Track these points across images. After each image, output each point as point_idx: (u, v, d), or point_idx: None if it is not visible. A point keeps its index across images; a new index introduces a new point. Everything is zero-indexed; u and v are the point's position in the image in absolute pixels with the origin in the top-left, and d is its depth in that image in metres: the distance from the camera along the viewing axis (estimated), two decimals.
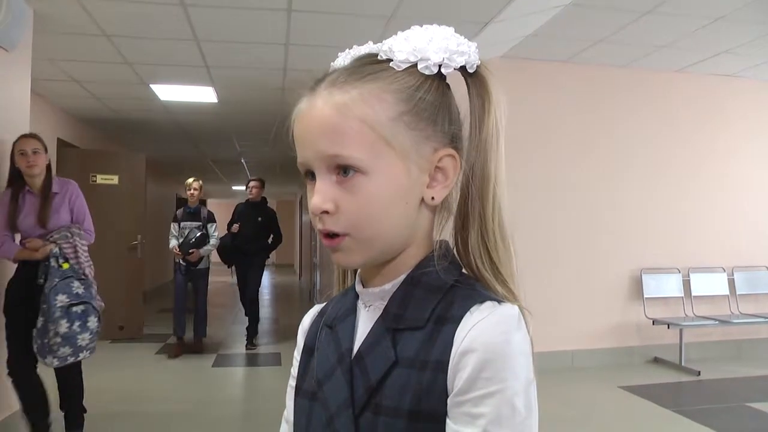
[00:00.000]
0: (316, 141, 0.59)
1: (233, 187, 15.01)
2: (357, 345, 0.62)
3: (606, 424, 3.59)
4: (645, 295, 4.96)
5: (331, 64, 0.65)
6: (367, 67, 0.60)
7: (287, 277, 15.25)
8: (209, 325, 5.76)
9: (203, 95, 5.58)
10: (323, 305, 0.74)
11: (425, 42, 0.60)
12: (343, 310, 0.67)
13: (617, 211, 4.99)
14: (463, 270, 0.63)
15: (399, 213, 0.60)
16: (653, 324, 4.86)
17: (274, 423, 0.76)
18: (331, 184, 0.59)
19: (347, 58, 0.64)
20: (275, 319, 7.90)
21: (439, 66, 0.60)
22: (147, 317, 6.60)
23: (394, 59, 0.60)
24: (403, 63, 0.60)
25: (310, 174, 0.61)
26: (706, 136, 5.23)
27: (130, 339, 6.07)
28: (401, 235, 0.61)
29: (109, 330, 6.02)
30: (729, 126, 5.29)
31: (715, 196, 5.23)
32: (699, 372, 4.59)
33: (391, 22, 3.70)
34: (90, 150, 6.83)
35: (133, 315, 6.30)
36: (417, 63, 0.60)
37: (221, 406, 3.99)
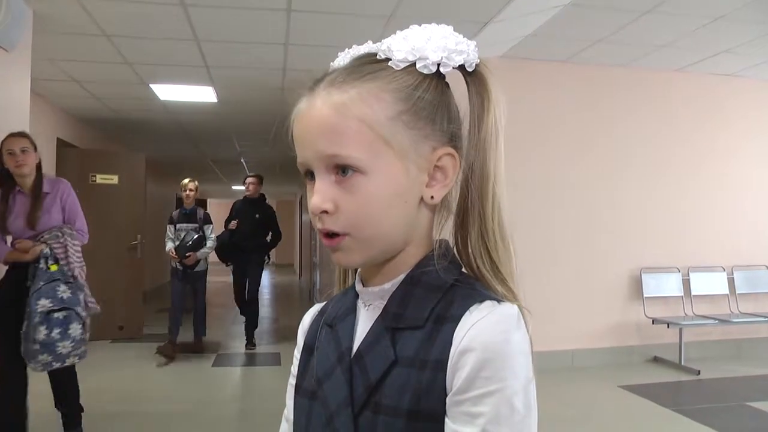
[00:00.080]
0: (315, 141, 0.59)
1: (233, 187, 15.00)
2: (357, 344, 0.62)
3: (606, 423, 3.59)
4: (645, 295, 4.96)
5: (331, 63, 0.65)
6: (366, 67, 0.60)
7: (287, 277, 15.24)
8: (209, 326, 5.76)
9: (203, 95, 5.58)
10: (323, 304, 0.74)
11: (424, 41, 0.60)
12: (343, 309, 0.67)
13: (617, 211, 4.98)
14: (463, 269, 0.63)
15: (398, 212, 0.60)
16: (653, 323, 4.86)
17: (273, 422, 0.76)
18: (331, 183, 0.59)
19: (346, 57, 0.64)
20: (275, 319, 7.89)
21: (438, 65, 0.60)
22: (147, 317, 6.60)
23: (392, 58, 0.60)
24: (402, 62, 0.60)
25: (309, 174, 0.61)
26: (705, 135, 5.22)
27: (129, 339, 6.07)
28: (401, 235, 0.61)
29: (109, 330, 6.03)
30: (729, 125, 5.29)
31: (715, 195, 5.23)
32: (699, 371, 4.59)
33: (391, 21, 3.70)
34: (90, 150, 6.84)
35: (133, 315, 6.31)
36: (415, 62, 0.60)
37: (221, 405, 3.99)
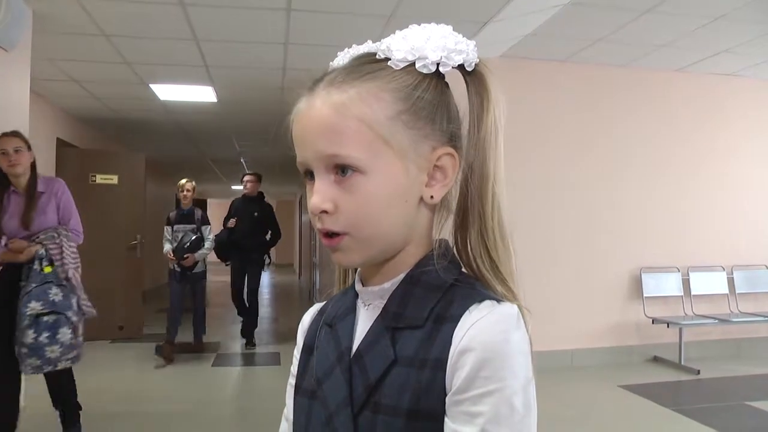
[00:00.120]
0: (314, 141, 0.59)
1: (233, 187, 15.00)
2: (356, 344, 0.62)
3: (605, 423, 3.59)
4: (644, 294, 4.96)
5: (330, 63, 0.65)
6: (366, 67, 0.60)
7: (287, 277, 15.24)
8: (208, 326, 5.75)
9: (203, 95, 5.58)
10: (323, 304, 0.74)
11: (423, 41, 0.60)
12: (343, 308, 0.67)
13: (616, 211, 4.98)
14: (463, 269, 0.63)
15: (398, 212, 0.60)
16: (653, 323, 4.86)
17: (273, 422, 0.76)
18: (330, 183, 0.59)
19: (346, 57, 0.64)
20: (275, 319, 7.89)
21: (437, 64, 0.60)
22: (146, 317, 6.59)
23: (392, 58, 0.60)
24: (401, 62, 0.60)
25: (309, 174, 0.61)
26: (705, 135, 5.22)
27: (129, 339, 6.06)
28: (400, 234, 0.61)
29: (109, 330, 6.03)
30: (728, 125, 5.29)
31: (715, 195, 5.23)
32: (698, 371, 4.59)
33: (391, 21, 3.70)
34: (89, 150, 6.84)
35: (133, 315, 6.30)
36: (415, 62, 0.60)
37: (221, 405, 3.99)
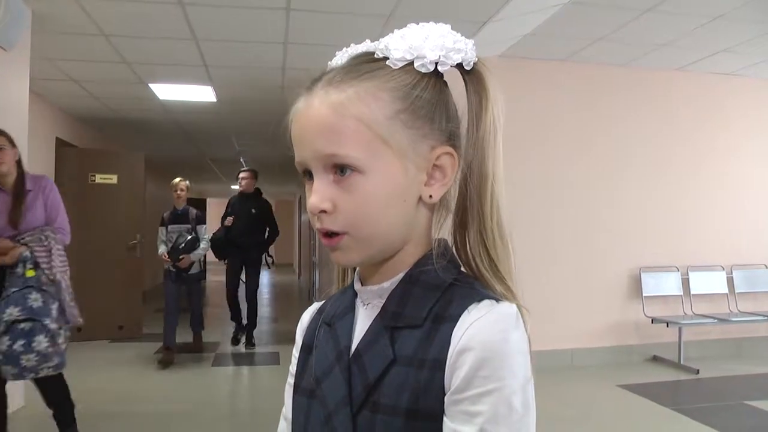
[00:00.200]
0: (313, 140, 0.59)
1: (232, 186, 15.00)
2: (355, 343, 0.62)
3: (605, 422, 3.59)
4: (644, 294, 4.96)
5: (329, 63, 0.65)
6: (364, 66, 0.60)
7: (286, 277, 15.24)
8: (208, 325, 5.74)
9: (202, 94, 5.58)
10: (322, 303, 0.74)
11: (421, 40, 0.60)
12: (342, 308, 0.67)
13: (616, 210, 4.98)
14: (462, 268, 0.63)
15: (397, 211, 0.60)
16: (652, 322, 4.86)
17: (273, 422, 0.75)
18: (329, 183, 0.59)
19: (344, 57, 0.64)
20: (274, 319, 7.90)
21: (436, 64, 0.60)
22: (146, 317, 6.59)
23: (390, 57, 0.60)
24: (400, 61, 0.59)
25: (308, 173, 0.61)
26: (705, 134, 5.22)
27: (129, 339, 6.06)
28: (399, 234, 0.61)
29: (109, 329, 6.04)
30: (729, 124, 5.29)
31: (715, 194, 5.23)
32: (698, 370, 4.59)
33: (390, 21, 3.70)
34: (89, 149, 6.84)
35: (133, 315, 6.31)
36: (413, 61, 0.60)
37: (220, 405, 3.99)
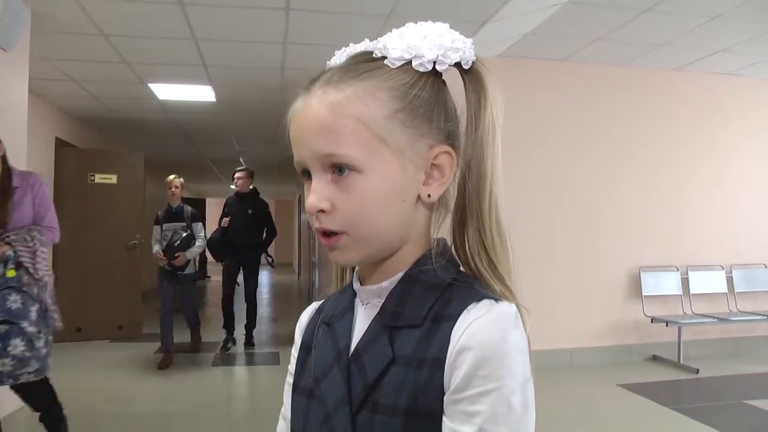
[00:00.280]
0: (311, 140, 0.59)
1: (232, 187, 14.97)
2: (354, 342, 0.62)
3: (605, 422, 3.59)
4: (643, 293, 4.96)
5: (328, 62, 0.65)
6: (362, 65, 0.60)
7: (286, 276, 15.24)
8: (208, 325, 5.74)
9: (201, 94, 5.58)
10: (321, 302, 0.74)
11: (419, 39, 0.60)
12: (341, 307, 0.67)
13: (616, 210, 4.99)
14: (461, 268, 0.63)
15: (395, 211, 0.60)
16: (652, 322, 4.86)
17: (272, 422, 0.75)
18: (327, 182, 0.59)
19: (343, 56, 0.64)
20: (274, 319, 7.90)
21: (434, 63, 0.60)
22: (146, 317, 6.59)
23: (388, 57, 0.60)
24: (398, 60, 0.59)
25: (306, 173, 0.61)
26: (704, 134, 5.23)
27: (128, 339, 6.06)
28: (398, 233, 0.61)
29: (108, 329, 6.04)
30: (728, 124, 5.29)
31: (714, 194, 5.23)
32: (697, 370, 4.59)
33: (389, 20, 3.70)
34: (88, 149, 6.83)
35: (132, 315, 6.31)
36: (411, 60, 0.60)
37: (220, 405, 3.99)
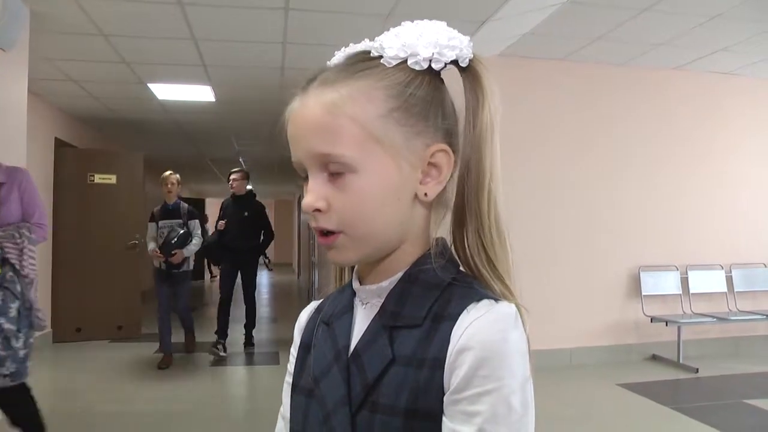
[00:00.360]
0: (307, 140, 0.59)
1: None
2: (354, 342, 0.62)
3: (604, 421, 3.59)
4: (643, 293, 4.97)
5: (328, 62, 0.65)
6: (358, 65, 0.60)
7: (285, 276, 15.23)
8: (207, 325, 5.73)
9: (201, 94, 5.58)
10: (320, 302, 0.74)
11: (415, 37, 0.60)
12: (340, 307, 0.67)
13: (616, 209, 4.98)
14: (461, 267, 0.63)
15: (392, 210, 0.60)
16: (651, 321, 4.86)
17: (272, 422, 0.75)
18: (323, 182, 0.59)
19: (341, 56, 0.64)
20: (273, 319, 7.89)
21: (429, 61, 0.60)
22: (145, 317, 6.58)
23: (384, 56, 0.60)
24: (393, 59, 0.59)
25: (304, 173, 0.61)
26: (704, 133, 5.23)
27: (128, 339, 6.06)
28: (395, 232, 0.61)
29: (108, 329, 6.04)
30: (727, 123, 5.29)
31: (714, 193, 5.23)
32: (697, 369, 4.59)
33: (389, 20, 3.70)
34: (88, 149, 6.83)
35: (132, 315, 6.30)
36: (407, 59, 0.59)
37: (220, 405, 3.99)
